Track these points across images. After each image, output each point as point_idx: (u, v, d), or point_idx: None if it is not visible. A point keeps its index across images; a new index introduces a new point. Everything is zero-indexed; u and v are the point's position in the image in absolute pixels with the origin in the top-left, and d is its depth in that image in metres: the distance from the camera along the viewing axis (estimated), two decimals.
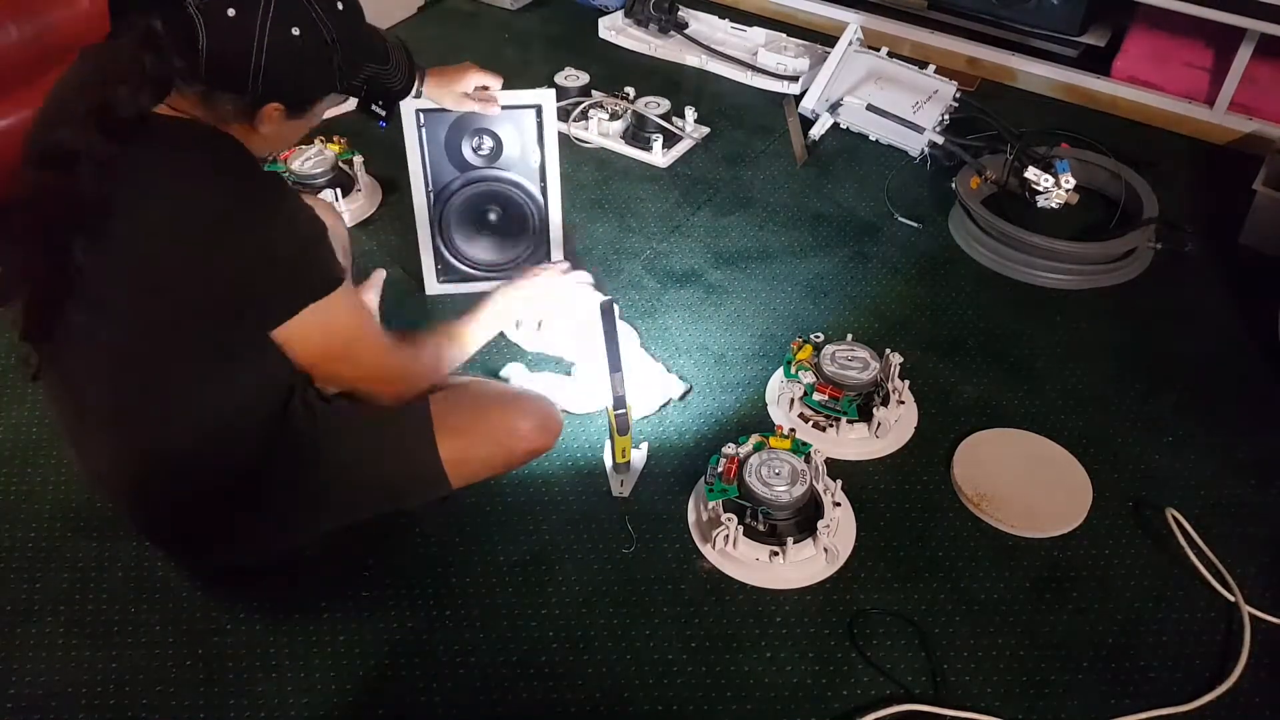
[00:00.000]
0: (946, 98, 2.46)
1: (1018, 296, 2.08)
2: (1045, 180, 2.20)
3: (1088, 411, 1.82)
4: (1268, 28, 2.34)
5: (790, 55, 2.76)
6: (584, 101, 2.55)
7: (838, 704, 1.39)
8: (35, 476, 1.66)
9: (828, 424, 1.75)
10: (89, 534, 1.57)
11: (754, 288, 2.09)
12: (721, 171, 2.42)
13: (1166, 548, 1.58)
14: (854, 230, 2.25)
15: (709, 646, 1.45)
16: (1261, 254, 2.18)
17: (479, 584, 1.53)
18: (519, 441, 1.49)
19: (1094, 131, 2.49)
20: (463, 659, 1.43)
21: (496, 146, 1.91)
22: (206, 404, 1.30)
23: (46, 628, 1.46)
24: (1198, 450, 1.75)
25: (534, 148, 1.91)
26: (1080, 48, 2.82)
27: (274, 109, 1.24)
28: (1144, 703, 1.38)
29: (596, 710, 1.38)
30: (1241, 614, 1.48)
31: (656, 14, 2.89)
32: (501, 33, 3.00)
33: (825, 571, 1.54)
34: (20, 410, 1.78)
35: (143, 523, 1.45)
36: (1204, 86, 2.59)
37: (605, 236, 2.20)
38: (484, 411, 1.49)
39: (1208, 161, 2.50)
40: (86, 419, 1.35)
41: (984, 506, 1.63)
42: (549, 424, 1.53)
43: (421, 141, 1.88)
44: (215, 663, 1.42)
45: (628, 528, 1.61)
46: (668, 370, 1.86)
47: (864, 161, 2.47)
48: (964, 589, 1.53)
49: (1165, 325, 2.02)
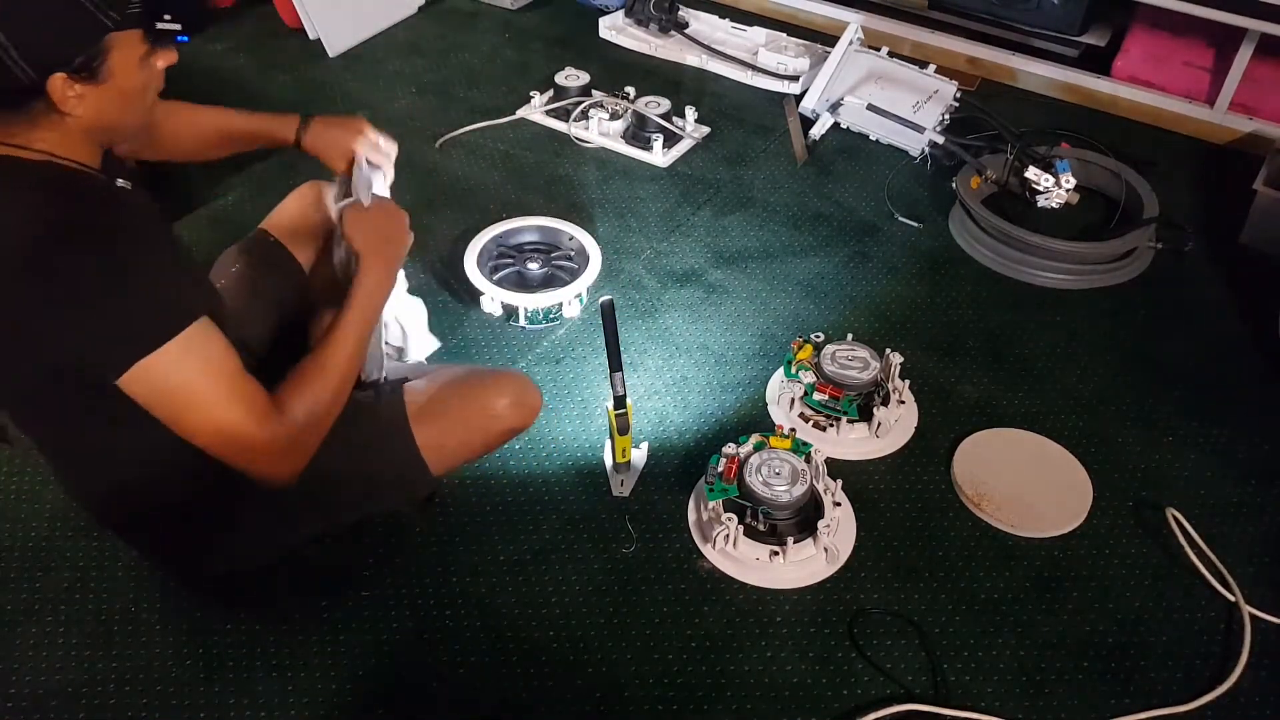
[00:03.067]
0: (947, 97, 2.46)
1: (1018, 296, 2.08)
2: (1045, 180, 2.20)
3: (1088, 411, 1.82)
4: (1268, 28, 2.34)
5: (790, 55, 2.76)
6: (584, 101, 2.55)
7: (838, 704, 1.39)
8: (35, 476, 1.66)
9: (828, 424, 1.75)
10: (89, 534, 1.57)
11: (754, 287, 2.09)
12: (722, 171, 2.42)
13: (1166, 548, 1.58)
14: (854, 230, 2.25)
15: (709, 646, 1.45)
16: (1262, 254, 2.18)
17: (479, 584, 1.53)
18: (495, 421, 1.45)
19: (1094, 131, 2.49)
20: (463, 659, 1.43)
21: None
22: (131, 445, 1.24)
23: (46, 628, 1.46)
24: (1198, 450, 1.75)
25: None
26: (1080, 47, 2.82)
27: (61, 82, 1.08)
28: (1144, 703, 1.38)
29: (596, 710, 1.38)
30: (1241, 614, 1.48)
31: (657, 14, 2.88)
32: (502, 33, 3.00)
33: (825, 571, 1.54)
34: None
35: (126, 536, 1.46)
36: (1204, 86, 2.59)
37: (605, 236, 2.19)
38: (458, 393, 1.44)
39: (1208, 161, 2.50)
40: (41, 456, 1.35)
41: (984, 506, 1.63)
42: (526, 401, 1.48)
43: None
44: (215, 663, 1.42)
45: (628, 528, 1.61)
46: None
47: (864, 161, 2.47)
48: (964, 589, 1.53)
49: (1165, 325, 2.02)
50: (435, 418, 1.41)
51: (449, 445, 1.43)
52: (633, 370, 1.87)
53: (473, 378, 1.48)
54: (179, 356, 1.12)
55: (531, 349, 1.93)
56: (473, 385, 1.46)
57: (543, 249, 2.08)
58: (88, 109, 1.12)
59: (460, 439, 1.44)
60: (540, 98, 2.60)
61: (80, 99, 1.10)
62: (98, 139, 1.18)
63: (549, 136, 2.53)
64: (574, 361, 1.90)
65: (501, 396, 1.45)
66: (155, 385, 1.12)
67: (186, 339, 1.12)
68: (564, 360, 1.90)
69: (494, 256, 2.03)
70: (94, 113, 1.13)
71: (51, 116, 1.11)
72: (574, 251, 2.06)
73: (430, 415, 1.41)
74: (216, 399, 1.16)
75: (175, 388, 1.13)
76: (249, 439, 1.18)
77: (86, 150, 1.17)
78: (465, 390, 1.45)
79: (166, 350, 1.11)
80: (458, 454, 1.46)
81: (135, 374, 1.10)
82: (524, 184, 2.36)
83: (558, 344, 1.94)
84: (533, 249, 2.07)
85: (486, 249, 2.03)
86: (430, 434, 1.40)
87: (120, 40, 1.11)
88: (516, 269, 2.03)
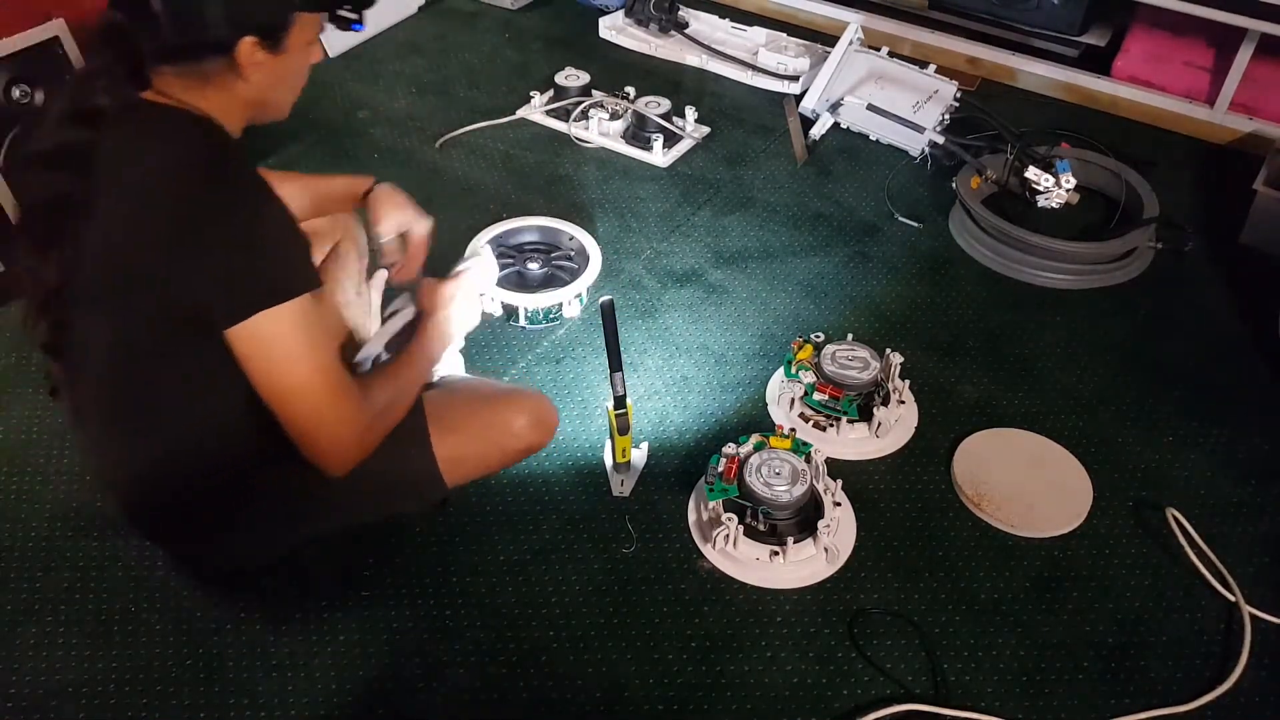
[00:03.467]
0: (947, 97, 2.46)
1: (1018, 296, 2.08)
2: (1045, 180, 2.20)
3: (1088, 411, 1.82)
4: (1268, 28, 2.34)
5: (791, 55, 2.76)
6: (584, 101, 2.55)
7: (838, 704, 1.39)
8: (35, 476, 1.67)
9: (828, 424, 1.75)
10: (89, 534, 1.57)
11: (754, 287, 2.09)
12: (722, 171, 2.42)
13: (1166, 548, 1.58)
14: (854, 230, 2.25)
15: (709, 646, 1.45)
16: (1262, 254, 2.18)
17: (479, 584, 1.53)
18: (514, 439, 1.48)
19: (1094, 131, 2.49)
20: (463, 659, 1.43)
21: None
22: (195, 407, 1.28)
23: (46, 628, 1.46)
24: (1198, 450, 1.75)
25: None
26: (1081, 47, 2.82)
27: (250, 45, 1.17)
28: (1144, 703, 1.38)
29: (596, 710, 1.38)
30: (1241, 614, 1.48)
31: (657, 14, 2.88)
32: (502, 33, 3.00)
33: (825, 571, 1.54)
34: (20, 410, 1.78)
35: (144, 525, 1.45)
36: (1204, 86, 2.59)
37: (605, 236, 2.19)
38: (479, 409, 1.47)
39: (1208, 161, 2.50)
40: (90, 421, 1.35)
41: (984, 506, 1.63)
42: (545, 420, 1.51)
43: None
44: (215, 663, 1.42)
45: (628, 528, 1.61)
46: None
47: (864, 161, 2.47)
48: (964, 589, 1.53)
49: (1165, 325, 2.02)
50: (454, 430, 1.43)
51: (466, 458, 1.46)
52: (633, 370, 1.87)
53: (492, 394, 1.51)
54: (294, 317, 1.17)
55: (531, 349, 1.93)
56: (492, 402, 1.49)
57: (543, 249, 2.08)
58: (260, 78, 1.20)
59: (477, 453, 1.47)
60: (540, 98, 2.60)
61: (258, 66, 1.18)
62: (251, 113, 1.25)
63: (549, 136, 2.53)
64: (574, 361, 1.90)
65: (521, 415, 1.48)
66: (264, 339, 1.17)
67: (304, 303, 1.18)
68: (564, 360, 1.90)
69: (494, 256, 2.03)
70: (263, 83, 1.21)
71: (225, 79, 1.19)
72: (574, 251, 2.06)
73: (449, 427, 1.43)
74: (315, 365, 1.20)
75: (281, 345, 1.18)
76: (330, 411, 1.23)
77: (238, 122, 1.25)
78: (485, 406, 1.48)
79: (286, 308, 1.16)
80: (473, 468, 1.49)
81: (250, 325, 1.15)
82: (524, 184, 2.36)
83: (558, 344, 1.94)
84: (533, 249, 2.07)
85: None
86: (448, 446, 1.43)
87: (303, 19, 1.21)
88: (516, 269, 2.03)
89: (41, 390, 1.80)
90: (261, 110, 1.28)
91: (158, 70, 1.18)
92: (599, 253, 2.02)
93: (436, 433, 1.42)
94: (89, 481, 1.64)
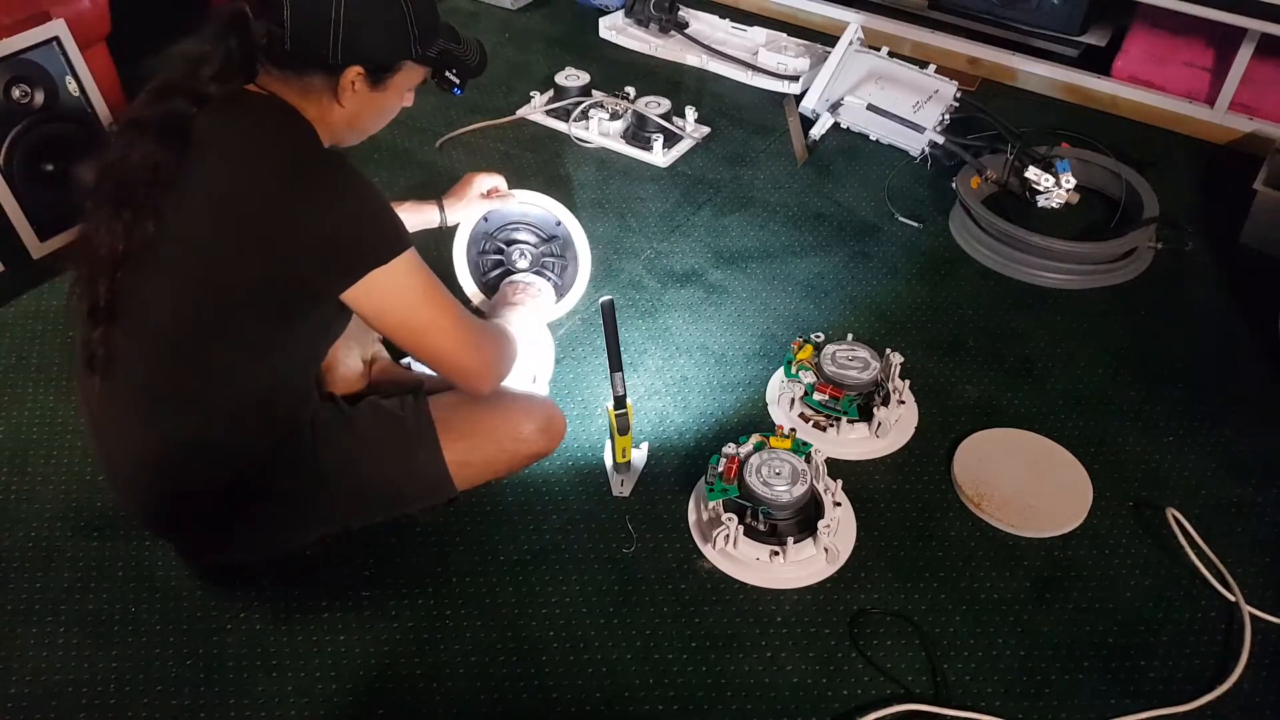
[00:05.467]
0: (947, 97, 2.46)
1: (1018, 296, 2.08)
2: (1046, 180, 2.20)
3: (1088, 411, 1.82)
4: (1268, 28, 2.34)
5: (791, 55, 2.76)
6: (584, 101, 2.55)
7: (838, 704, 1.39)
8: (35, 476, 1.67)
9: (828, 424, 1.75)
10: (89, 534, 1.58)
11: (754, 287, 2.09)
12: (722, 171, 2.42)
13: (1166, 548, 1.58)
14: (854, 230, 2.25)
15: (709, 646, 1.45)
16: (1262, 254, 2.18)
17: (479, 584, 1.53)
18: (522, 445, 1.50)
19: (1094, 131, 2.49)
20: (463, 659, 1.43)
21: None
22: (235, 391, 1.31)
23: (46, 628, 1.46)
24: (1198, 450, 1.75)
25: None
26: (1081, 47, 2.82)
27: (355, 74, 1.27)
28: (1144, 703, 1.38)
29: (596, 710, 1.38)
30: (1241, 614, 1.48)
31: (657, 14, 2.89)
32: (502, 33, 3.00)
33: (825, 571, 1.54)
34: (20, 410, 1.78)
35: (150, 513, 1.45)
36: (1204, 86, 2.59)
37: (605, 236, 2.20)
38: (487, 414, 1.49)
39: (1208, 161, 2.50)
40: (119, 399, 1.34)
41: (984, 506, 1.63)
42: (553, 427, 1.54)
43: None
44: (215, 663, 1.42)
45: (628, 528, 1.61)
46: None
47: (864, 161, 2.47)
48: (964, 589, 1.53)
49: (1165, 325, 2.02)
50: (463, 434, 1.46)
51: (473, 462, 1.48)
52: (633, 370, 1.87)
53: (503, 400, 1.52)
54: (409, 266, 1.28)
55: None
56: (502, 407, 1.50)
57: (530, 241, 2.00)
58: (352, 105, 1.31)
59: (485, 458, 1.49)
60: (540, 98, 2.60)
61: (354, 95, 1.30)
62: (331, 133, 1.33)
63: (549, 136, 2.53)
64: (574, 361, 1.90)
65: (530, 421, 1.50)
66: (393, 288, 1.27)
67: (412, 255, 1.29)
68: (564, 360, 1.90)
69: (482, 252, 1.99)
70: (354, 111, 1.32)
71: (321, 96, 1.29)
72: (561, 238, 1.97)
73: (458, 431, 1.45)
74: (447, 302, 1.34)
75: (411, 289, 1.29)
76: (476, 335, 1.39)
77: (321, 136, 1.32)
78: (494, 411, 1.49)
79: (403, 259, 1.26)
80: (481, 472, 1.51)
81: (369, 282, 1.24)
82: (524, 184, 2.35)
83: (558, 344, 1.93)
84: (520, 243, 2.00)
85: (471, 256, 1.97)
86: (457, 449, 1.45)
87: (410, 67, 1.35)
88: (505, 267, 2.00)
89: (42, 390, 1.80)
90: (341, 134, 1.35)
91: (265, 67, 1.27)
92: (582, 231, 1.95)
93: (446, 437, 1.44)
94: (89, 481, 1.64)
